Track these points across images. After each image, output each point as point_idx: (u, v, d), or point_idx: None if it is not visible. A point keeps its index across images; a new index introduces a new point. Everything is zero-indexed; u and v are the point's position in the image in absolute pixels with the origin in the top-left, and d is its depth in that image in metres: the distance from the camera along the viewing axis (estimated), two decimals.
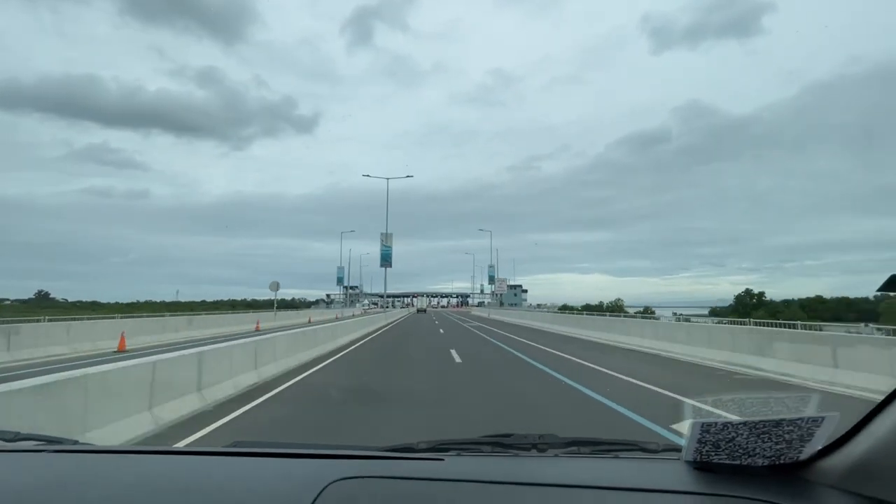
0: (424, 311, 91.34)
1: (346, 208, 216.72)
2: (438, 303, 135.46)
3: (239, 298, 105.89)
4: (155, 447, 1.85)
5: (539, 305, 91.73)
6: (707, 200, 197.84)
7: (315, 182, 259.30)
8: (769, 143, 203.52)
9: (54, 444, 1.43)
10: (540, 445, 1.42)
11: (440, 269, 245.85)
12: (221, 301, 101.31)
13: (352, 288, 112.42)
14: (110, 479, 1.19)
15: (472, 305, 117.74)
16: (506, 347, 17.45)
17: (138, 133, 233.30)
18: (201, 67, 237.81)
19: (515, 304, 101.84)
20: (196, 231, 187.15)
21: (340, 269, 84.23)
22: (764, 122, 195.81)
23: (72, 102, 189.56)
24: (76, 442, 1.53)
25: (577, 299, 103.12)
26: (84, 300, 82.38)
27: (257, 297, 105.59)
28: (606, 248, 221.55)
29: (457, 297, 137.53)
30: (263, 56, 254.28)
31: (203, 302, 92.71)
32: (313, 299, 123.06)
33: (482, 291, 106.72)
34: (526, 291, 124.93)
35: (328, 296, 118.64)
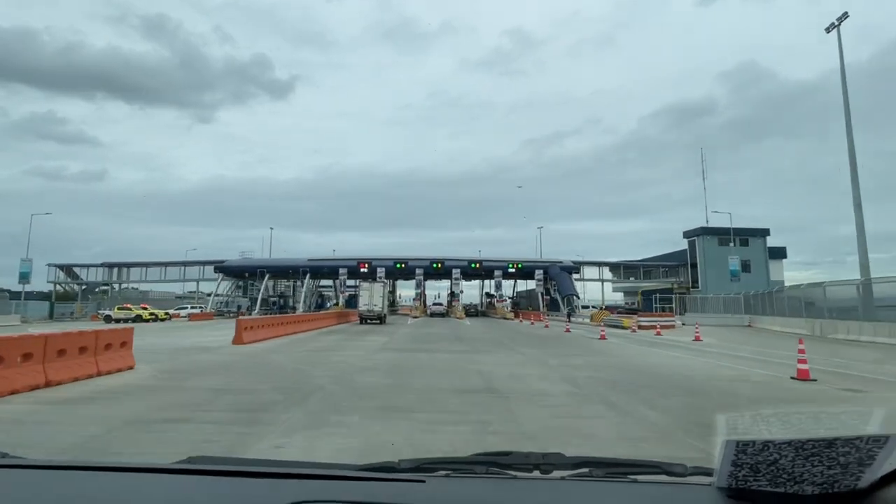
0: None
1: (339, 195, 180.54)
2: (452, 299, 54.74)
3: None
4: (98, 462, 1.31)
5: None
6: (758, 183, 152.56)
7: (304, 164, 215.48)
8: (835, 115, 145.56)
9: None
10: (544, 466, 1.20)
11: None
12: None
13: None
14: (43, 498, 1.06)
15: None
16: None
17: (86, 100, 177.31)
18: (148, 14, 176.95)
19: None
20: (172, 221, 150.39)
21: None
22: (830, 90, 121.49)
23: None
24: (5, 455, 1.32)
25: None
26: None
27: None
28: (639, 239, 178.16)
29: (472, 265, 53.94)
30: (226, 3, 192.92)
31: None
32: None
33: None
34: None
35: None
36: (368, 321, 33.92)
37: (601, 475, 1.18)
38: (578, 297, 49.15)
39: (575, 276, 53.64)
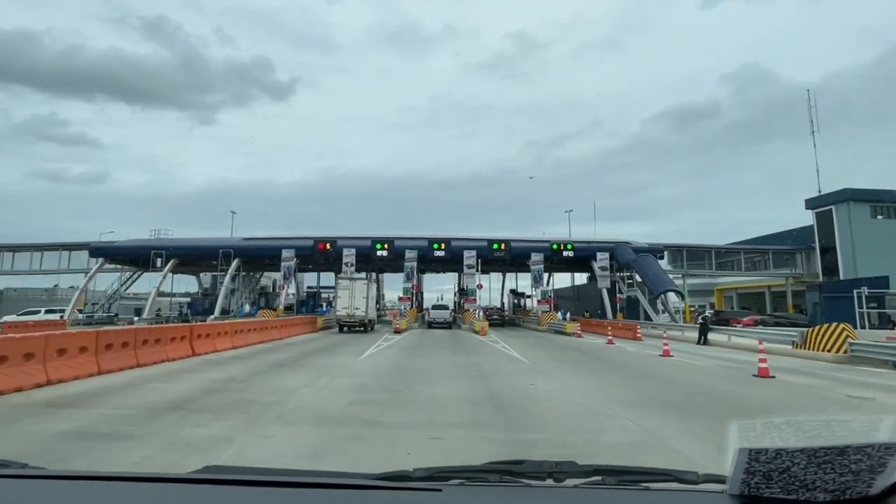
0: None
1: (341, 198, 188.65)
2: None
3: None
4: (114, 472, 1.32)
5: None
6: (761, 186, 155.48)
7: (307, 167, 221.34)
8: (839, 117, 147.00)
9: (1, 469, 1.27)
10: (557, 475, 1.25)
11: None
12: None
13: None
14: None
15: None
16: None
17: (89, 102, 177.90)
18: (148, 16, 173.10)
19: None
20: (176, 224, 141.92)
21: None
22: (833, 92, 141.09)
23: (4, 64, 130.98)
24: (25, 465, 1.33)
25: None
26: None
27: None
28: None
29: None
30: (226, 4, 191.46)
31: None
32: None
33: None
34: None
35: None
36: (349, 329, 28.00)
37: (613, 483, 1.19)
38: (683, 297, 30.24)
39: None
